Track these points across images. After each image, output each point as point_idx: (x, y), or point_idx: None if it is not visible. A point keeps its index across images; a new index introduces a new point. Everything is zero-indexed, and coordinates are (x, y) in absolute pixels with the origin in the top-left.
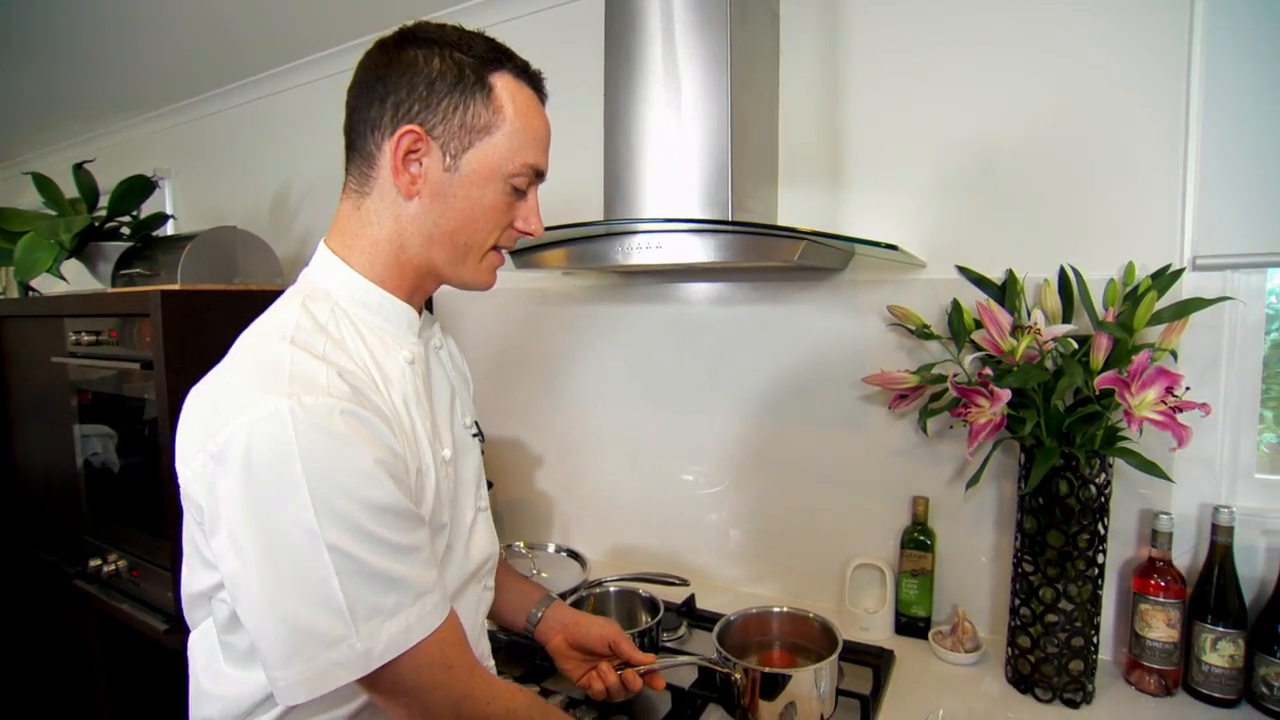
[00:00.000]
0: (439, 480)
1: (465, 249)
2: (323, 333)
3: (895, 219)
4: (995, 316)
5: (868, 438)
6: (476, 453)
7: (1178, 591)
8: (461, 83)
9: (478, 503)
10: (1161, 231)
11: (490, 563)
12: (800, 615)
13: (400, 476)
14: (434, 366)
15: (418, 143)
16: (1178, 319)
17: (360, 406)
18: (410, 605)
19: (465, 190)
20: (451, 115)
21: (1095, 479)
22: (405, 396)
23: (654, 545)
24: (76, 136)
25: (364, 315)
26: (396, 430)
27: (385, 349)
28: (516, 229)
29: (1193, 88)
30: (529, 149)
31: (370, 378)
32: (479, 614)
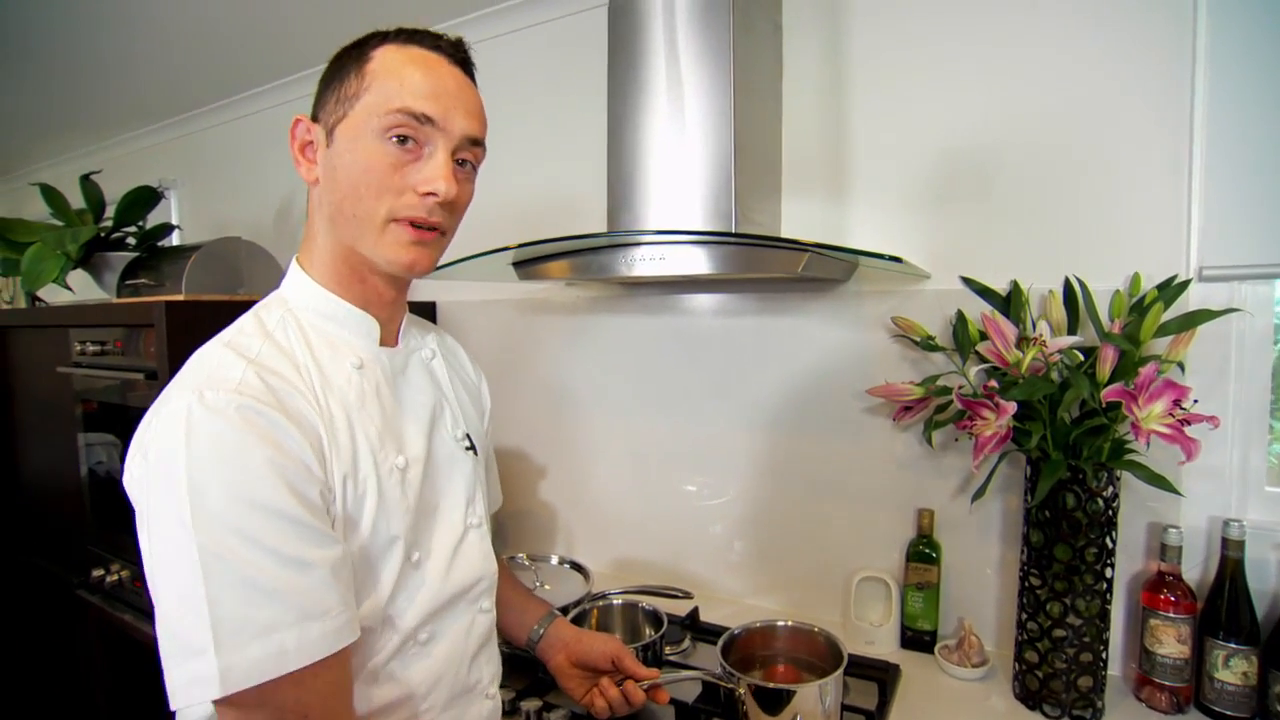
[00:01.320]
0: (384, 489)
1: (361, 222)
2: (265, 337)
3: (900, 230)
4: (1000, 328)
5: (872, 449)
6: (467, 466)
7: (1188, 607)
8: (342, 66)
9: (468, 519)
10: (1168, 242)
11: (485, 583)
12: (805, 629)
13: (299, 484)
14: (412, 374)
15: (308, 132)
16: (1185, 331)
17: (267, 406)
18: (289, 626)
19: (342, 158)
20: (329, 96)
21: (1102, 492)
22: (346, 403)
23: (658, 557)
24: (84, 147)
25: (316, 321)
26: (312, 436)
27: (333, 353)
28: (419, 191)
29: (1197, 97)
30: (400, 95)
31: (307, 381)
32: (469, 639)
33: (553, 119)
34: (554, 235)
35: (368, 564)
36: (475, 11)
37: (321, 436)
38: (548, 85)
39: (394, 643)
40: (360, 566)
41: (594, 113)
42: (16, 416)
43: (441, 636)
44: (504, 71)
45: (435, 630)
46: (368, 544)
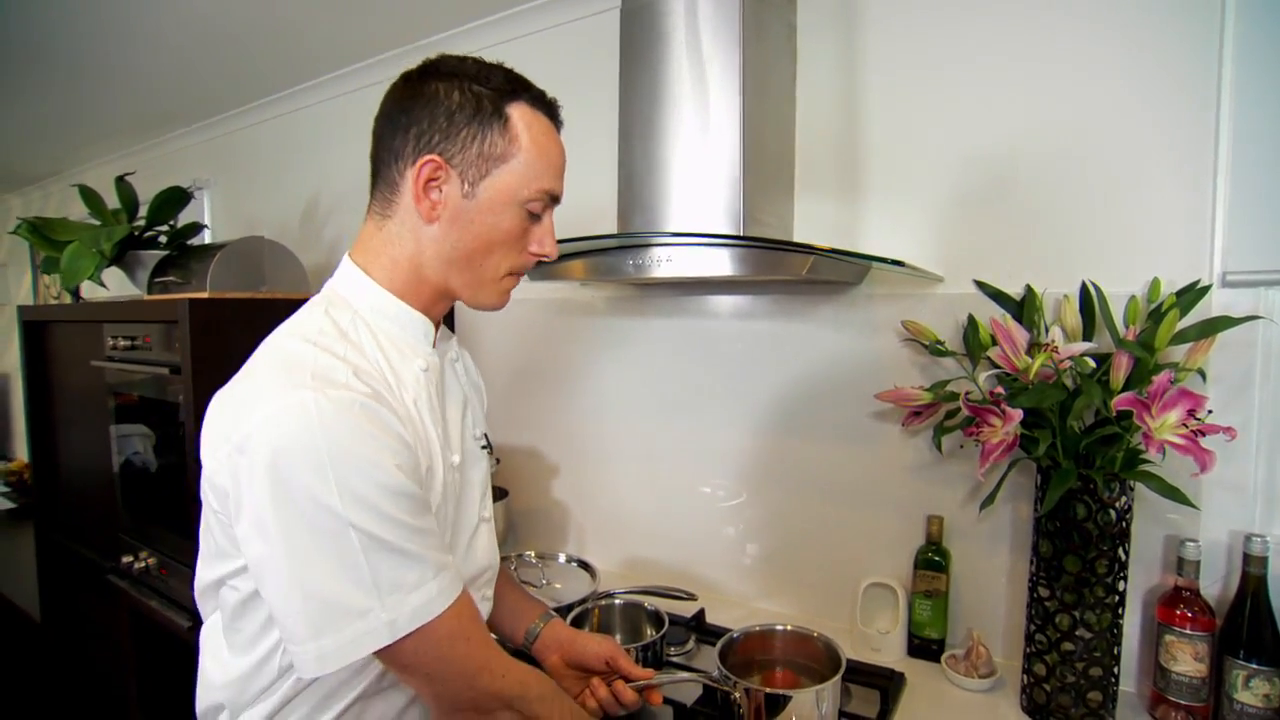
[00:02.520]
0: (446, 483)
1: (482, 273)
2: (343, 337)
3: (913, 232)
4: (1010, 333)
5: (882, 454)
6: (484, 463)
7: (1206, 623)
8: (479, 114)
9: (481, 512)
10: (1189, 246)
11: (490, 573)
12: (804, 634)
13: (412, 467)
14: (449, 377)
15: (437, 171)
16: (1203, 338)
17: (377, 402)
18: (431, 579)
19: (482, 216)
20: (470, 145)
21: (1115, 503)
22: (417, 400)
23: (667, 558)
24: (123, 150)
25: (381, 323)
26: (409, 430)
27: (400, 355)
28: (531, 253)
29: (1223, 97)
30: (544, 176)
31: (385, 380)
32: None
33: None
34: (564, 236)
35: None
36: (491, 15)
37: (409, 439)
38: (560, 87)
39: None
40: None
41: (608, 115)
42: (56, 408)
43: None
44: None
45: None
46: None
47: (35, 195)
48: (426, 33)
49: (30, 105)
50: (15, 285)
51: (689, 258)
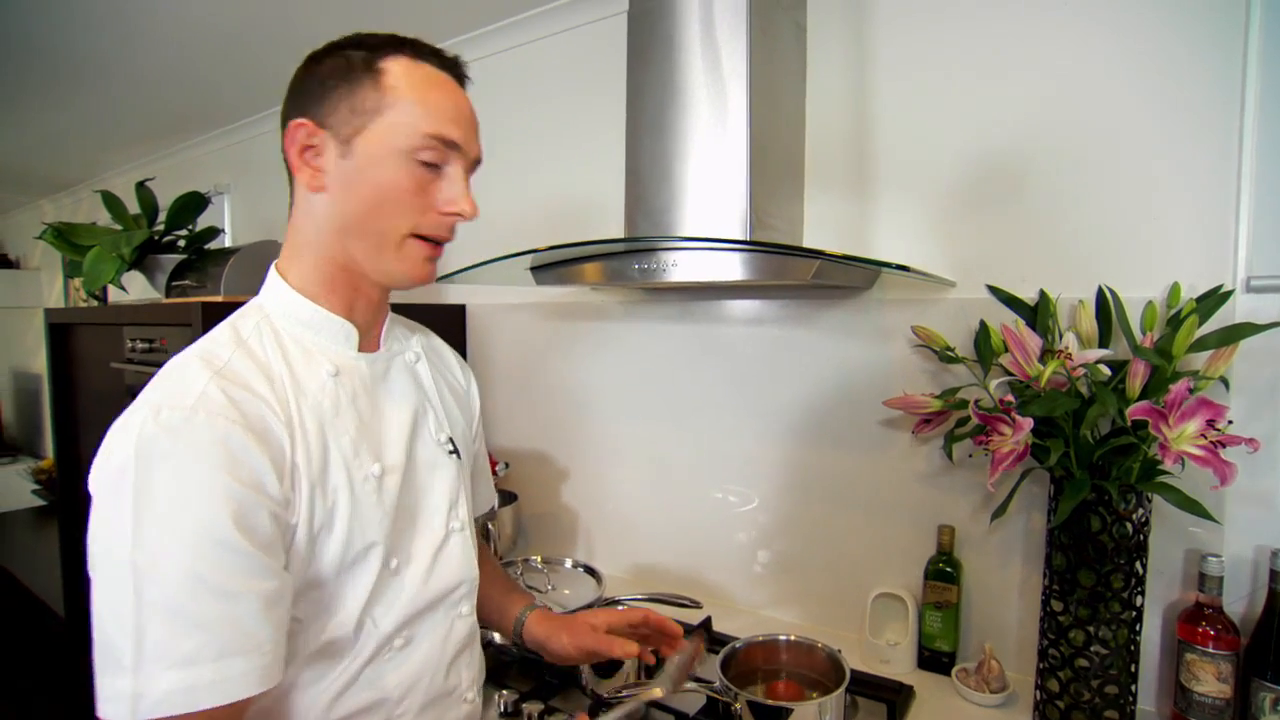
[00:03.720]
0: (358, 498)
1: (379, 237)
2: (237, 346)
3: (924, 235)
4: (1021, 339)
5: (893, 462)
6: (450, 470)
7: (1230, 642)
8: (349, 72)
9: (450, 524)
10: (1211, 250)
11: (464, 588)
12: (808, 645)
13: (246, 509)
14: (394, 378)
15: (311, 136)
16: (1224, 345)
17: (226, 420)
18: (209, 661)
19: (363, 174)
20: (340, 104)
21: (1131, 515)
22: (319, 411)
23: (675, 565)
24: (146, 157)
25: (292, 328)
26: (274, 449)
27: (309, 361)
28: (442, 212)
29: (1248, 95)
30: (428, 120)
31: (279, 392)
32: (448, 643)
33: (575, 125)
34: (568, 241)
35: (345, 572)
36: (501, 20)
37: (285, 449)
38: (569, 92)
39: (370, 647)
40: (337, 575)
41: (618, 119)
42: (79, 408)
43: (419, 641)
44: (526, 79)
45: (412, 635)
46: (343, 552)
47: (66, 201)
48: (439, 38)
49: (59, 113)
50: (48, 288)
51: (696, 262)
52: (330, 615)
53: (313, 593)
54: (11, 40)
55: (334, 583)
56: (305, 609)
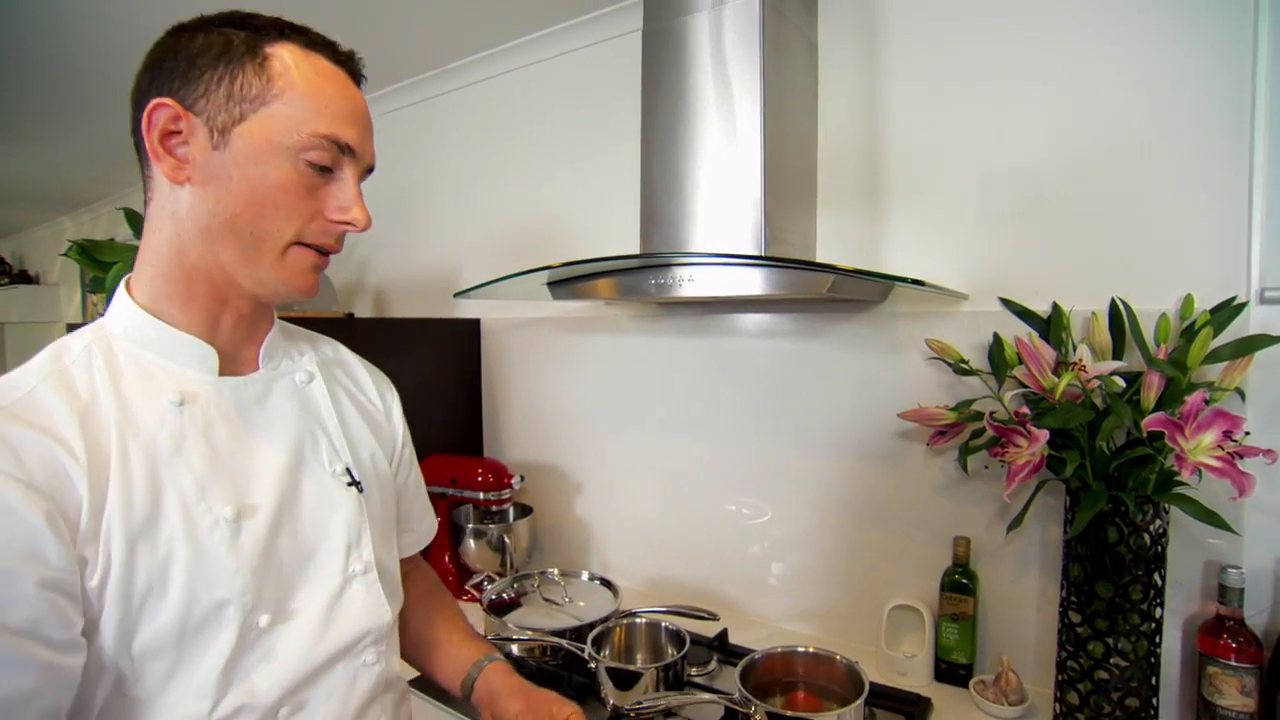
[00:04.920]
0: (201, 547)
1: (255, 242)
2: (50, 375)
3: (937, 249)
4: (1036, 352)
5: (908, 474)
6: (348, 506)
7: (1253, 655)
8: (228, 53)
9: (349, 567)
10: (1225, 262)
11: (370, 636)
12: (827, 656)
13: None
14: (274, 402)
15: (176, 121)
16: (1239, 356)
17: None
18: None
19: (241, 169)
20: (215, 88)
21: (1148, 526)
22: (152, 449)
23: (690, 577)
24: None
25: (134, 350)
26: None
27: (147, 388)
28: (331, 220)
29: (1258, 107)
30: (318, 118)
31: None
32: (350, 700)
33: (589, 141)
34: (583, 257)
35: (190, 637)
36: (511, 41)
37: (82, 502)
38: (584, 108)
39: None
40: (179, 641)
41: (631, 135)
42: None
43: (313, 707)
44: (541, 96)
45: (305, 700)
46: (183, 614)
47: (86, 217)
48: (454, 56)
49: (84, 133)
50: (66, 303)
51: (711, 277)
52: (178, 689)
53: (151, 664)
54: (41, 65)
55: (176, 650)
56: (145, 686)
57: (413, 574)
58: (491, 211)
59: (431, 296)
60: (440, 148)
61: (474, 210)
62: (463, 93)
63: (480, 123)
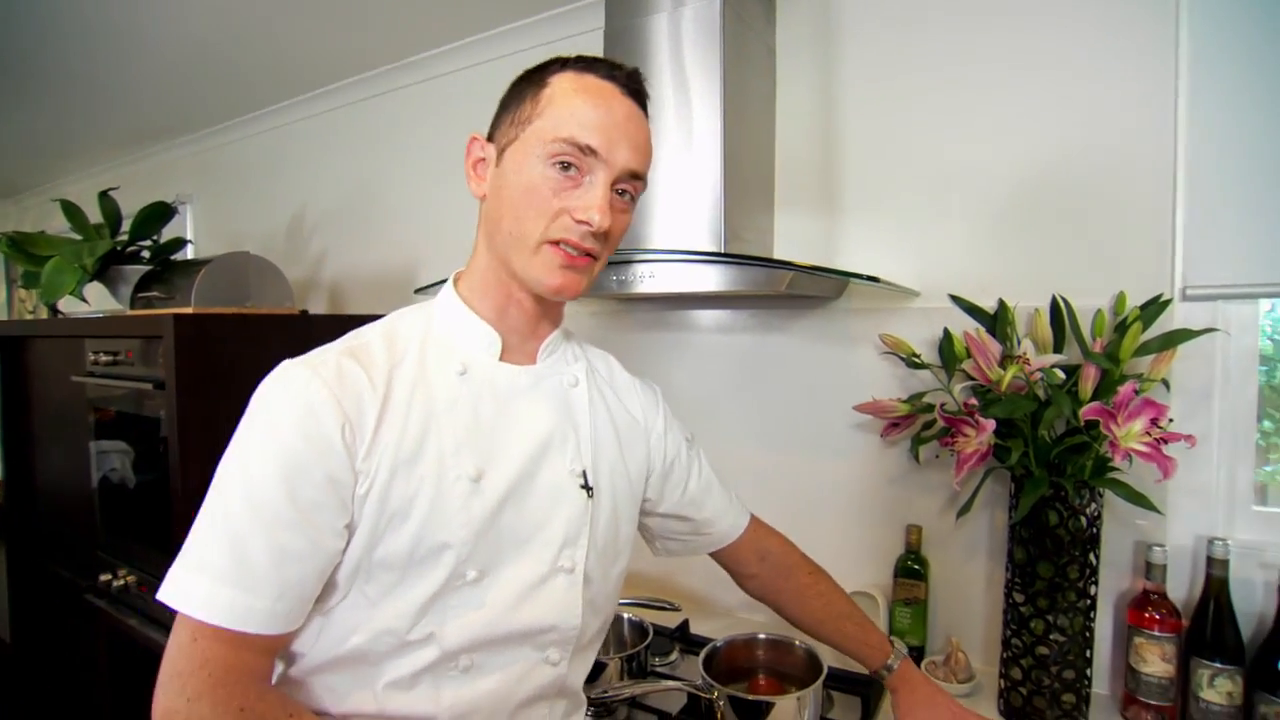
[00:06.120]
0: (441, 494)
1: (516, 240)
2: (384, 335)
3: (890, 247)
4: (984, 346)
5: (862, 466)
6: (574, 505)
7: (1173, 625)
8: (520, 89)
9: (559, 561)
10: (1154, 262)
11: (556, 634)
12: (785, 642)
13: (304, 465)
14: (540, 396)
15: (482, 149)
16: (1165, 350)
17: (321, 381)
18: (225, 586)
19: (508, 179)
20: (505, 117)
21: (1085, 509)
22: (431, 403)
23: (651, 570)
24: (105, 164)
25: (443, 330)
26: (353, 417)
27: (443, 358)
28: (575, 218)
29: (1180, 118)
30: (564, 125)
31: (396, 376)
32: (522, 685)
33: None
34: None
35: (414, 565)
36: (479, 34)
37: (370, 422)
38: None
39: (430, 656)
40: (406, 565)
41: None
42: (33, 424)
43: (487, 670)
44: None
45: (481, 661)
46: (413, 545)
47: (11, 209)
48: (415, 49)
49: (15, 118)
50: None
51: (671, 274)
52: (393, 603)
53: (382, 574)
54: None
55: (402, 570)
56: (374, 590)
57: (783, 543)
58: (451, 207)
59: (389, 293)
60: (400, 142)
61: (433, 206)
62: (423, 87)
63: (441, 117)
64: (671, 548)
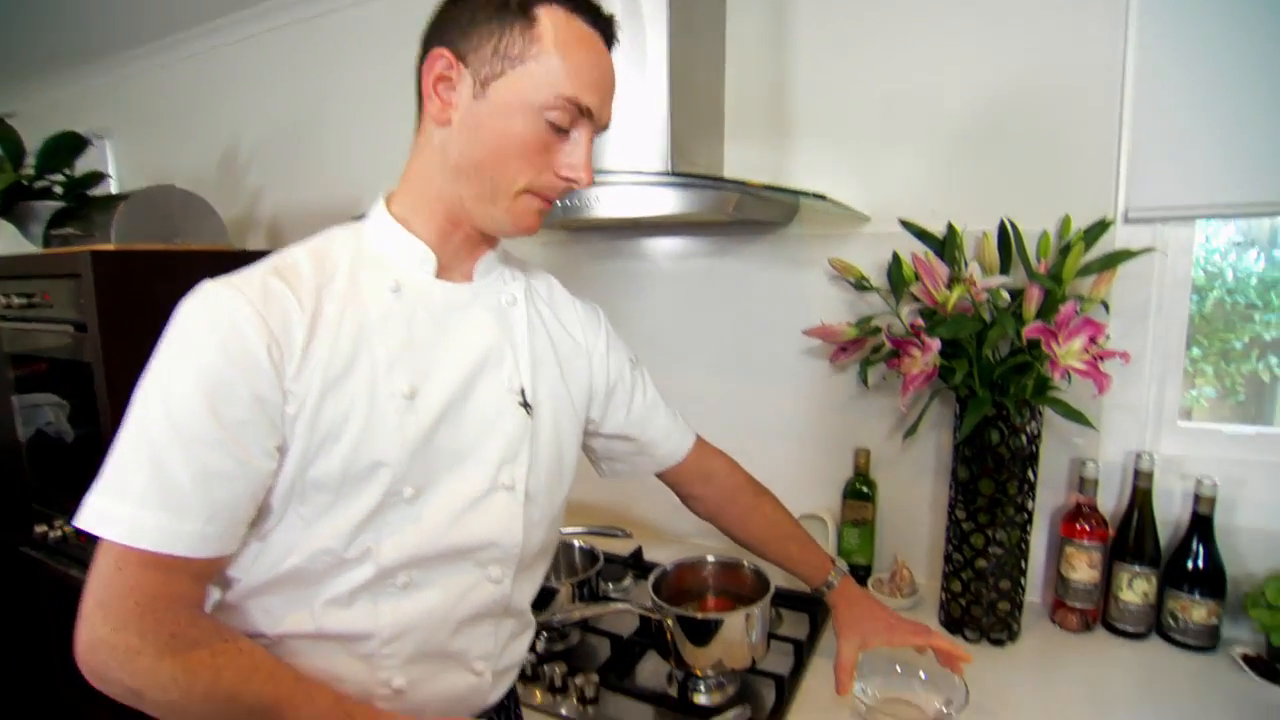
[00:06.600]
0: (375, 413)
1: (493, 186)
2: (313, 254)
3: (842, 175)
4: (931, 268)
5: (812, 391)
6: (513, 423)
7: (1101, 535)
8: (503, 11)
9: (499, 477)
10: (1099, 187)
11: (497, 550)
12: (734, 563)
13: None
14: (475, 314)
15: (449, 68)
16: (1105, 270)
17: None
18: (150, 509)
19: (493, 120)
20: (485, 42)
21: (1025, 428)
22: (363, 320)
23: (605, 500)
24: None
25: (375, 248)
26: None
27: (375, 275)
28: (560, 175)
29: (1129, 41)
30: (567, 82)
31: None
32: (463, 603)
33: None
34: None
35: (347, 485)
36: None
37: (298, 339)
38: None
39: (367, 574)
40: (340, 485)
41: None
42: None
43: (425, 587)
44: None
45: (420, 578)
46: (345, 464)
47: None
48: None
49: None
50: None
51: (620, 197)
52: (329, 523)
53: (316, 495)
54: None
55: (336, 491)
56: (309, 510)
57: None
58: (391, 135)
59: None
60: (333, 68)
61: (372, 134)
62: (356, 9)
63: (376, 41)
64: (617, 469)
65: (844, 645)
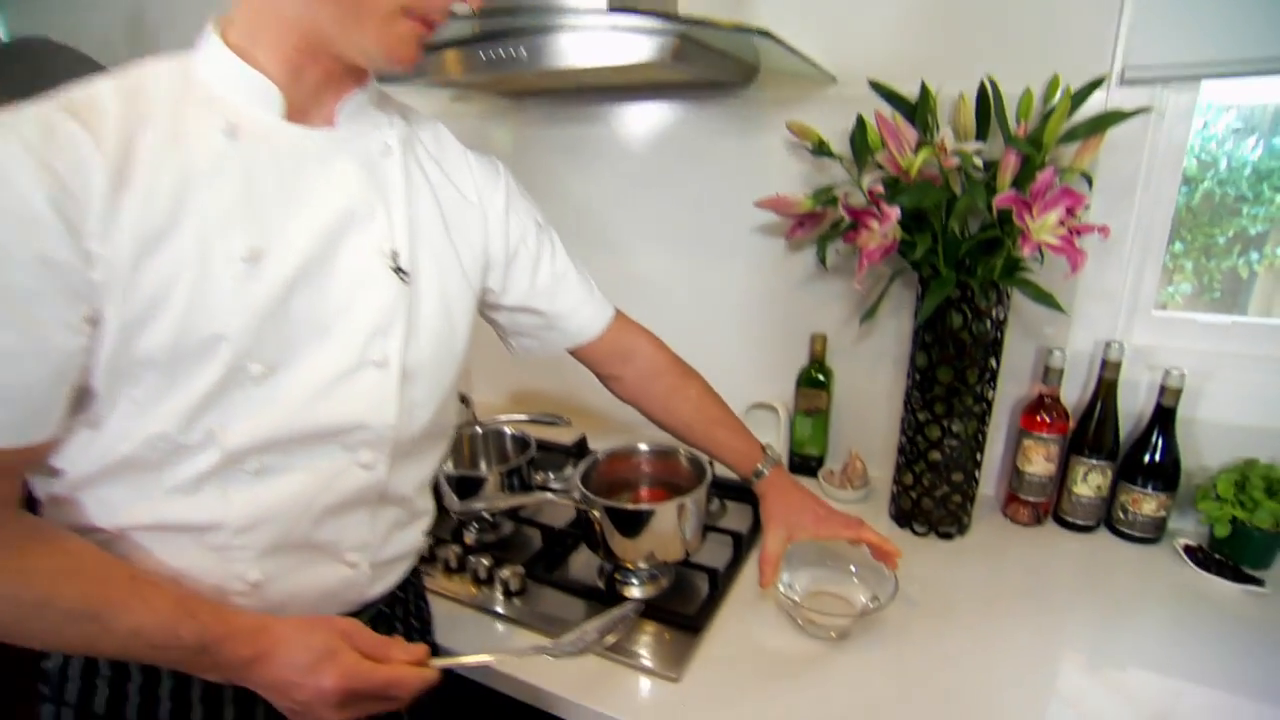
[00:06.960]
0: (207, 277)
1: (360, 6)
2: (120, 89)
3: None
4: (898, 130)
5: (766, 273)
6: (385, 292)
7: (1060, 427)
8: None
9: (368, 352)
10: (1095, 40)
11: (367, 433)
12: (668, 450)
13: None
14: (337, 164)
15: None
16: (1092, 134)
17: (23, 146)
18: None
19: None
20: None
21: (991, 312)
22: (187, 169)
23: (554, 390)
24: None
25: (207, 82)
26: (74, 188)
27: (202, 114)
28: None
29: None
30: None
31: (136, 137)
32: (329, 491)
33: None
34: None
35: (179, 362)
36: None
37: (93, 194)
38: None
39: (211, 460)
40: (171, 362)
41: None
42: None
43: (283, 472)
44: None
45: (275, 463)
46: (175, 338)
47: None
48: None
49: None
50: None
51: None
52: (165, 406)
53: (146, 373)
54: None
55: (169, 369)
56: (141, 393)
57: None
58: None
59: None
60: None
61: None
62: None
63: None
64: (526, 345)
65: (770, 537)
